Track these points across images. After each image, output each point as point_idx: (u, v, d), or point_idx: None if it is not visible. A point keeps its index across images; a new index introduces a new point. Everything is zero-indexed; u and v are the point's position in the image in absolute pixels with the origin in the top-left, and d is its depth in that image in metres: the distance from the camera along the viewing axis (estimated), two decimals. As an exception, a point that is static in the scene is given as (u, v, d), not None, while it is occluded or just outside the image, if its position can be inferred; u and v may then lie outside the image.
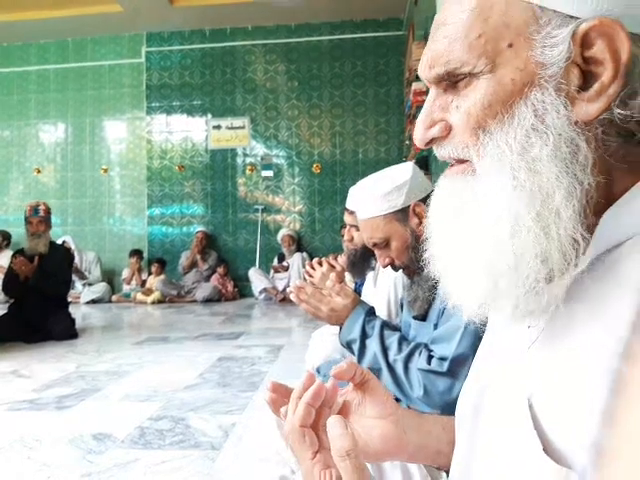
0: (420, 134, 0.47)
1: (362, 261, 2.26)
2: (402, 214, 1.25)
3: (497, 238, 0.41)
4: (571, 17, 0.39)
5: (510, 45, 0.41)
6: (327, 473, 0.48)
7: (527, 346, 0.45)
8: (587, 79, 0.40)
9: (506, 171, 0.41)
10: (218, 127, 7.29)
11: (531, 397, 0.41)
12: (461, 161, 0.46)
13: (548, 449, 0.38)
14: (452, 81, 0.44)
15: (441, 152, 0.47)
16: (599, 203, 0.41)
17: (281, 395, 0.59)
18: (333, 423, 0.47)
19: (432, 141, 0.47)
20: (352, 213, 2.24)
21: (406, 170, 1.27)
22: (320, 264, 1.65)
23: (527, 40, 0.40)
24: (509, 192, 0.41)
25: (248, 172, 7.24)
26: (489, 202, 0.42)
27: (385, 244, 1.28)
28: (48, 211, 4.31)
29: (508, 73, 0.41)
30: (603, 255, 0.40)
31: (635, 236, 0.40)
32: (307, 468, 0.50)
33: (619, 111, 0.39)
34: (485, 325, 0.56)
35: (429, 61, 0.46)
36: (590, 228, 0.40)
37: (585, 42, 0.39)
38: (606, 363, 0.35)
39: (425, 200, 1.24)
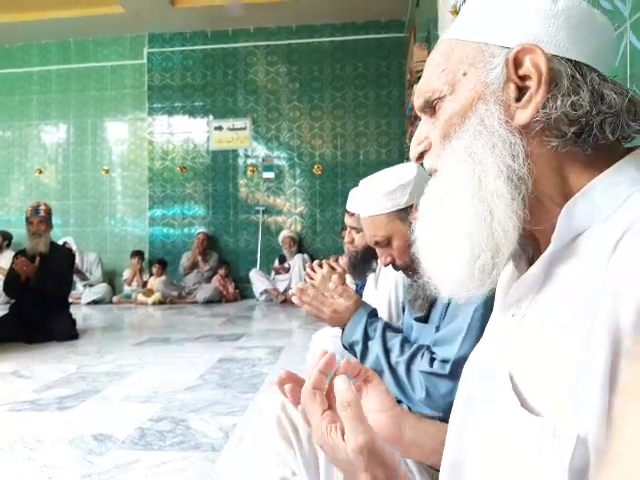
0: (412, 150, 0.61)
1: (363, 263, 2.26)
2: (405, 213, 1.24)
3: (451, 221, 0.52)
4: (505, 47, 0.52)
5: (464, 74, 0.54)
6: (333, 426, 0.55)
7: (511, 332, 0.53)
8: (522, 92, 0.51)
9: (455, 164, 0.53)
10: (219, 128, 7.30)
11: (511, 370, 0.49)
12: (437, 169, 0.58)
13: (524, 405, 0.45)
14: (431, 107, 0.58)
15: (426, 163, 0.60)
16: (559, 199, 0.50)
17: (292, 380, 0.65)
18: (339, 381, 0.56)
19: (421, 155, 0.60)
20: (353, 215, 2.24)
21: (411, 169, 1.28)
22: (320, 266, 1.65)
23: (476, 68, 0.53)
24: (457, 178, 0.52)
25: (249, 173, 7.25)
26: (445, 191, 0.53)
27: (387, 242, 1.28)
28: (49, 211, 4.32)
29: (463, 93, 0.54)
30: (568, 243, 0.49)
31: (590, 226, 0.47)
32: (316, 422, 0.57)
33: (543, 111, 0.49)
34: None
35: (417, 93, 0.59)
36: (553, 221, 0.49)
37: (517, 63, 0.51)
38: (577, 331, 0.42)
39: None
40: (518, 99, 0.51)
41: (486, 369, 0.55)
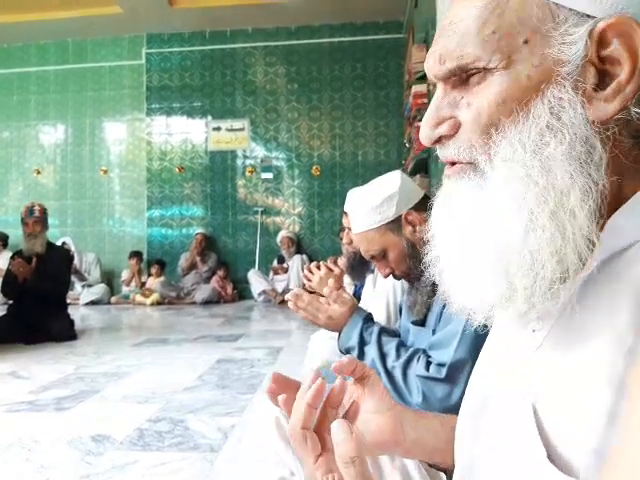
0: (427, 131, 0.46)
1: (361, 264, 2.26)
2: (395, 224, 1.25)
3: (510, 237, 0.40)
4: (588, 16, 0.39)
5: (526, 41, 0.40)
6: (330, 477, 0.48)
7: (532, 351, 0.45)
8: (602, 78, 0.40)
9: (519, 169, 0.40)
10: (218, 129, 7.30)
11: (535, 403, 0.41)
12: (462, 162, 0.45)
13: (552, 456, 0.38)
14: (464, 77, 0.44)
15: (444, 152, 0.46)
16: (610, 204, 0.40)
17: (282, 387, 0.59)
18: (337, 427, 0.45)
19: (439, 140, 0.46)
20: (351, 216, 2.24)
21: (394, 180, 1.28)
22: (318, 268, 1.66)
23: (543, 37, 0.40)
24: (522, 190, 0.40)
25: (248, 174, 7.25)
26: (501, 201, 0.41)
27: (383, 255, 1.28)
28: (44, 211, 4.30)
29: (524, 69, 0.40)
30: (610, 259, 0.40)
31: (638, 243, 0.39)
32: (310, 471, 0.50)
33: (636, 110, 0.39)
34: (485, 328, 0.54)
35: (440, 56, 0.44)
36: (601, 229, 0.40)
37: (601, 41, 0.39)
38: (612, 370, 0.35)
39: (417, 207, 1.25)
40: (598, 87, 0.40)
41: (503, 387, 0.47)
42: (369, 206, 1.26)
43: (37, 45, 7.55)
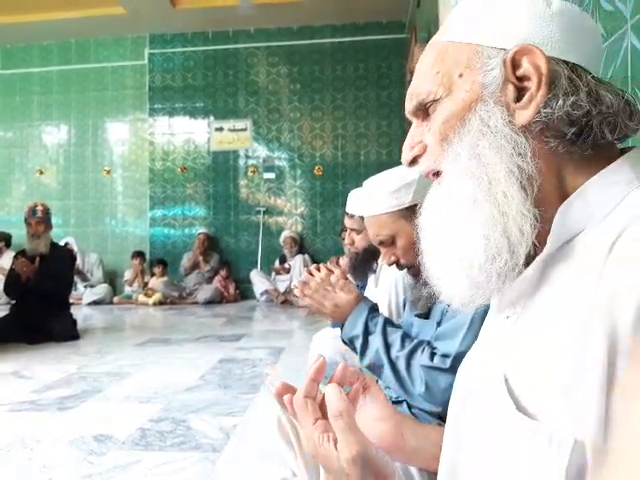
0: (405, 154, 0.60)
1: (363, 264, 2.26)
2: (409, 212, 1.24)
3: (464, 227, 0.50)
4: (502, 49, 0.52)
5: (460, 75, 0.54)
6: (326, 435, 0.54)
7: (505, 334, 0.52)
8: (520, 93, 0.51)
9: (461, 167, 0.51)
10: (220, 129, 7.30)
11: (506, 373, 0.48)
12: (436, 173, 0.57)
13: (521, 410, 0.44)
14: (424, 109, 0.57)
15: (420, 167, 0.59)
16: (555, 200, 0.50)
17: (287, 390, 0.63)
18: (330, 390, 0.55)
19: (414, 160, 0.59)
20: (352, 217, 2.24)
21: (414, 169, 1.27)
22: (318, 270, 1.65)
23: (472, 69, 0.53)
24: (465, 183, 0.51)
25: (250, 174, 7.25)
26: (453, 196, 0.52)
27: (391, 242, 1.28)
28: (46, 212, 4.31)
29: (460, 95, 0.53)
30: (563, 245, 0.49)
31: (586, 227, 0.47)
32: (308, 432, 0.56)
33: (544, 110, 0.49)
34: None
35: (409, 96, 0.59)
36: (549, 222, 0.49)
37: (515, 64, 0.51)
38: (574, 330, 0.42)
39: None
40: (517, 100, 0.51)
41: (481, 371, 0.54)
42: (386, 190, 1.25)
43: (40, 46, 7.57)
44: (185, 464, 1.75)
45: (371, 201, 1.29)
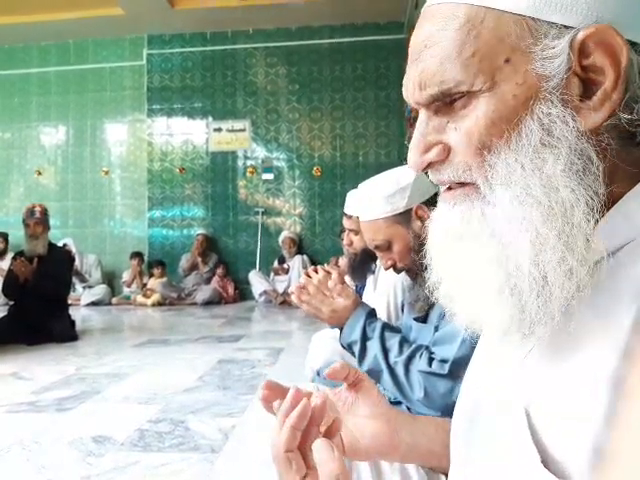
0: (416, 158, 0.45)
1: (362, 265, 2.26)
2: (404, 217, 1.24)
3: (519, 260, 0.39)
4: (565, 27, 0.39)
5: (507, 60, 0.40)
6: None
7: (522, 355, 0.44)
8: (587, 88, 0.39)
9: (520, 190, 0.39)
10: (219, 130, 7.30)
11: (528, 407, 0.40)
12: (462, 184, 0.44)
13: (546, 461, 0.37)
14: (447, 101, 0.43)
15: (439, 176, 0.45)
16: (599, 213, 0.40)
17: (275, 393, 0.58)
18: (320, 448, 0.46)
19: (429, 165, 0.45)
20: (350, 218, 2.24)
21: (409, 172, 1.27)
22: (316, 271, 1.65)
23: (524, 54, 0.39)
24: (527, 211, 0.39)
25: (249, 175, 7.25)
26: (507, 224, 0.40)
27: (387, 246, 1.27)
28: (44, 212, 4.29)
29: (509, 89, 0.40)
30: (601, 261, 0.39)
31: (632, 241, 0.39)
32: None
33: (625, 116, 0.38)
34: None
35: (420, 82, 0.44)
36: None
37: (583, 51, 0.39)
38: (607, 369, 0.35)
39: (428, 203, 1.24)
40: (583, 97, 0.40)
41: (494, 392, 0.47)
42: (381, 195, 1.25)
43: (38, 46, 7.56)
44: (184, 465, 1.75)
45: (366, 206, 1.29)
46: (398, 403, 1.21)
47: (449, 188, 0.46)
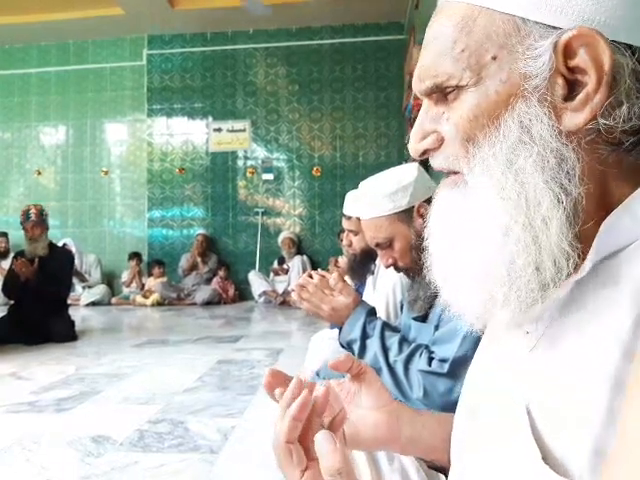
0: (414, 145, 0.48)
1: (361, 265, 2.26)
2: (406, 215, 1.24)
3: (488, 249, 0.42)
4: (552, 28, 0.39)
5: (494, 58, 0.41)
6: None
7: (525, 352, 0.45)
8: (573, 88, 0.40)
9: (493, 182, 0.41)
10: (219, 130, 7.30)
11: (529, 404, 0.41)
12: (454, 172, 0.47)
13: (547, 457, 0.38)
14: (442, 93, 0.45)
15: (434, 163, 0.48)
16: (598, 212, 0.41)
17: (279, 381, 0.59)
18: (322, 440, 0.46)
19: (425, 152, 0.48)
20: (350, 218, 2.24)
21: (411, 171, 1.27)
22: (311, 277, 1.65)
23: (510, 52, 0.41)
24: (497, 203, 0.41)
25: (249, 175, 7.25)
26: (478, 213, 0.42)
27: (388, 244, 1.27)
28: (40, 213, 4.26)
29: (493, 85, 0.42)
30: (604, 261, 0.40)
31: (635, 241, 0.39)
32: None
33: (603, 121, 0.39)
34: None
35: (419, 75, 0.47)
36: (590, 236, 0.40)
37: (568, 52, 0.39)
38: (608, 368, 0.35)
39: (430, 201, 1.24)
40: (567, 98, 0.40)
41: (496, 388, 0.47)
42: (382, 193, 1.24)
43: (38, 46, 7.56)
44: (183, 466, 1.74)
45: (367, 204, 1.28)
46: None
47: (448, 175, 0.48)
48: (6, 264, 5.16)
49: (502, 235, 0.41)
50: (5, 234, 6.93)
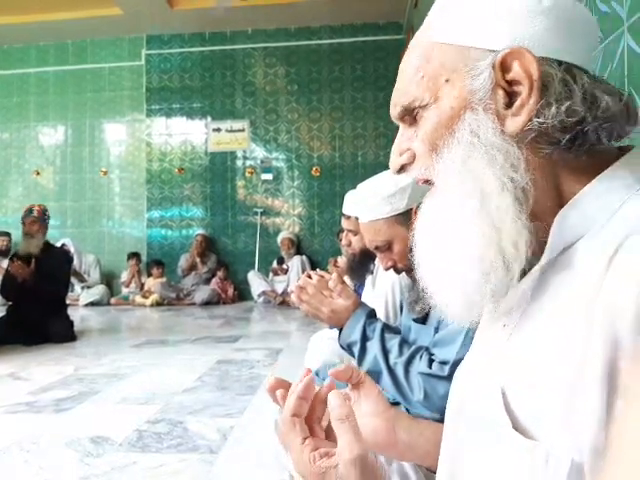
0: (393, 162, 0.58)
1: (361, 265, 2.26)
2: (404, 217, 1.24)
3: (456, 243, 0.48)
4: (490, 51, 0.48)
5: (447, 80, 0.51)
6: (317, 454, 0.52)
7: (503, 343, 0.50)
8: (512, 97, 0.48)
9: (452, 181, 0.49)
10: (218, 130, 7.30)
11: (504, 386, 0.46)
12: (428, 182, 0.55)
13: (517, 428, 0.43)
14: (411, 115, 0.55)
15: (412, 175, 0.57)
16: (552, 208, 0.48)
17: (281, 385, 0.63)
18: (332, 396, 0.53)
19: (402, 167, 0.57)
20: (349, 218, 2.23)
21: None
22: (310, 277, 1.65)
23: (459, 73, 0.50)
24: (457, 197, 0.49)
25: (248, 175, 7.25)
26: (443, 211, 0.50)
27: (387, 247, 1.27)
28: (42, 212, 4.28)
29: (447, 102, 0.51)
30: (560, 254, 0.47)
31: (583, 237, 0.46)
32: (297, 452, 0.54)
33: (538, 120, 0.46)
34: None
35: (393, 100, 0.56)
36: (546, 231, 0.47)
37: (504, 67, 0.48)
38: (570, 347, 0.41)
39: None
40: (508, 105, 0.48)
41: (477, 379, 0.53)
42: (380, 195, 1.24)
43: (37, 46, 7.55)
44: (182, 466, 1.74)
45: (366, 207, 1.28)
46: (396, 404, 1.21)
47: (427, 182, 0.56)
48: (6, 264, 5.15)
49: (465, 227, 0.47)
50: (8, 234, 6.91)
